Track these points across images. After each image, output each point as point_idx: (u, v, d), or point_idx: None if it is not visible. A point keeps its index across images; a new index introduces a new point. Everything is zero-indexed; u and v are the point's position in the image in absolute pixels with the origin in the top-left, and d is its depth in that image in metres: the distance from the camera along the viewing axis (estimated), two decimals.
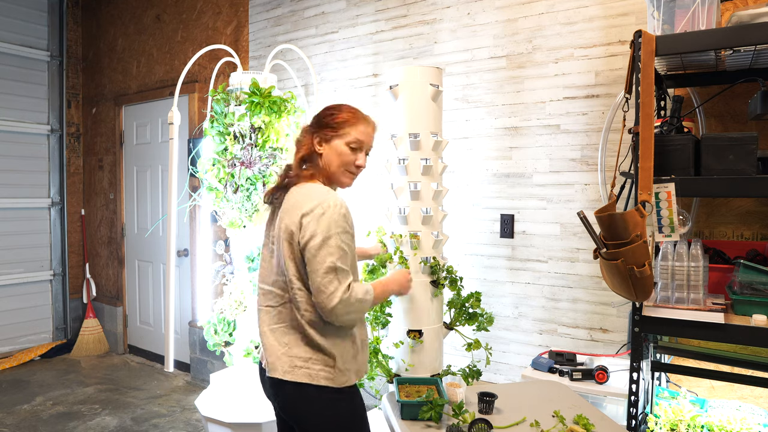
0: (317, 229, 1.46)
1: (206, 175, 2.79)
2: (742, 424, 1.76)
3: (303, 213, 1.48)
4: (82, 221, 5.22)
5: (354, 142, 1.61)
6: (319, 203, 1.49)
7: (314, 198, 1.51)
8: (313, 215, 1.47)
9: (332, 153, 1.60)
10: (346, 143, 1.60)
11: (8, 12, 4.59)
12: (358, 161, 1.63)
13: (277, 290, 1.59)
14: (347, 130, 1.61)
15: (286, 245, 1.51)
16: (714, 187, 1.64)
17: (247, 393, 2.79)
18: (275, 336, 1.57)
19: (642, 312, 1.71)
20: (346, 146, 1.60)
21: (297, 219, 1.49)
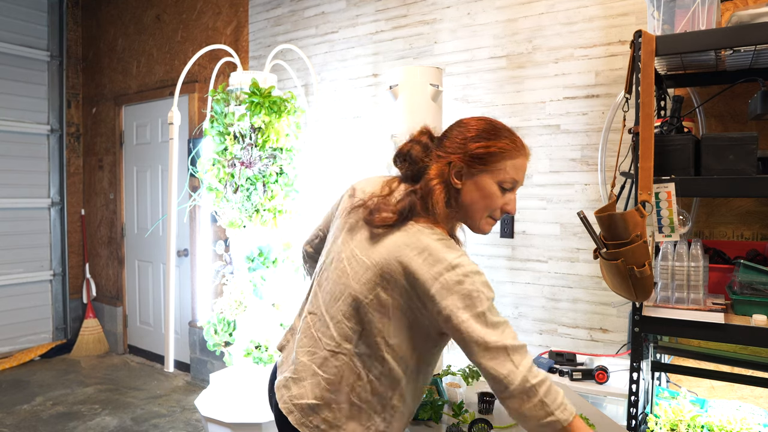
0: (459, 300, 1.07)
1: (206, 175, 2.79)
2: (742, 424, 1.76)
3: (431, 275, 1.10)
4: (82, 221, 5.22)
5: (509, 181, 1.21)
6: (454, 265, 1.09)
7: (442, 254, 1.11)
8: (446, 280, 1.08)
9: (475, 192, 1.20)
10: (498, 182, 1.21)
11: (8, 12, 4.59)
12: (508, 205, 1.23)
13: (337, 334, 1.21)
14: (503, 165, 1.20)
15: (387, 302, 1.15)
16: (714, 187, 1.64)
17: (247, 393, 2.79)
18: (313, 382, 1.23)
19: (642, 312, 1.71)
20: (498, 186, 1.21)
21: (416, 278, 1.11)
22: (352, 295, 1.19)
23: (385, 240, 1.17)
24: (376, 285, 1.16)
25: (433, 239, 1.14)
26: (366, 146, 3.20)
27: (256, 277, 2.78)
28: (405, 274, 1.12)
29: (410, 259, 1.12)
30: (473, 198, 1.21)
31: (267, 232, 2.78)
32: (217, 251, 2.98)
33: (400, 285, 1.13)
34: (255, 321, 2.78)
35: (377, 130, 3.14)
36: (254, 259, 2.78)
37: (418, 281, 1.10)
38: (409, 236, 1.15)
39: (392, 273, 1.14)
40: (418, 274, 1.10)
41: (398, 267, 1.13)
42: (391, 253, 1.15)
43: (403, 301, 1.14)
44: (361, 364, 1.19)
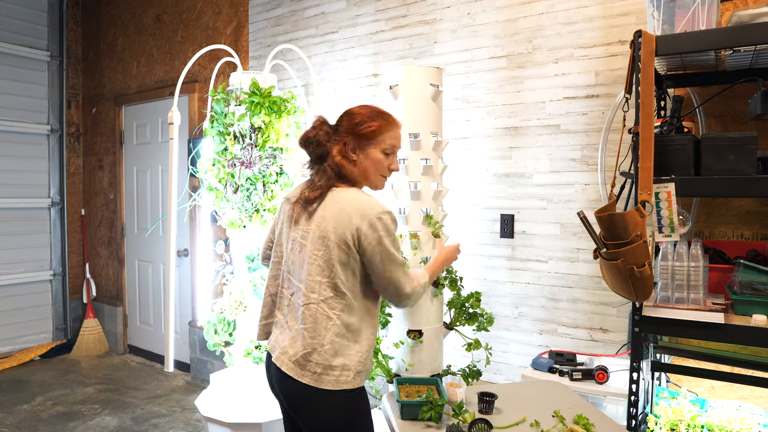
0: (380, 233, 1.51)
1: (206, 175, 2.79)
2: (742, 424, 1.76)
3: (358, 220, 1.51)
4: (82, 221, 5.22)
5: (389, 148, 1.64)
6: (372, 209, 1.52)
7: (364, 204, 1.54)
8: (371, 222, 1.51)
9: (368, 161, 1.62)
10: (381, 150, 1.63)
11: (8, 12, 4.59)
12: (392, 165, 1.67)
13: (306, 290, 1.57)
14: (382, 137, 1.63)
15: (337, 249, 1.52)
16: (714, 187, 1.64)
17: (247, 393, 2.79)
18: (299, 336, 1.57)
19: (642, 312, 1.71)
20: (382, 153, 1.63)
21: (352, 225, 1.51)
22: (311, 256, 1.56)
23: (320, 209, 1.57)
24: (326, 239, 1.53)
25: (353, 192, 1.58)
26: None
27: (256, 277, 2.78)
28: (344, 224, 1.51)
29: (341, 211, 1.53)
30: (368, 166, 1.63)
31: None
32: (217, 251, 2.98)
33: (342, 233, 1.52)
34: (255, 321, 2.78)
35: None
36: (254, 259, 2.78)
37: (354, 225, 1.51)
38: (336, 196, 1.58)
39: (336, 227, 1.52)
40: (353, 219, 1.51)
41: (337, 220, 1.53)
42: (327, 212, 1.56)
43: (345, 247, 1.52)
44: (327, 306, 1.53)
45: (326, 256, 1.53)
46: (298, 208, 1.65)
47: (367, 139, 1.61)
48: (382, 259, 1.52)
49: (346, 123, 1.64)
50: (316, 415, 1.54)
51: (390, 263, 1.53)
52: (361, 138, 1.61)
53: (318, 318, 1.53)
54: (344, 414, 1.54)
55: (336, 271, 1.53)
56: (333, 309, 1.53)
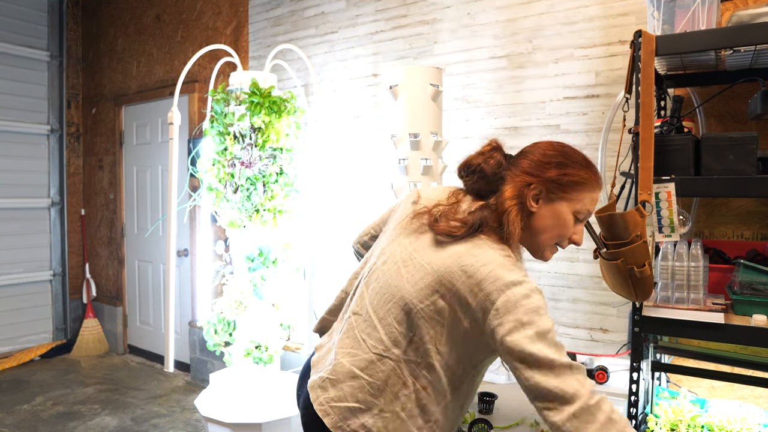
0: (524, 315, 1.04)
1: (206, 175, 2.79)
2: (742, 424, 1.76)
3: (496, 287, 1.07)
4: (82, 221, 5.22)
5: (583, 212, 1.22)
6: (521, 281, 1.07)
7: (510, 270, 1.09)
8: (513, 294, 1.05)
9: (550, 218, 1.20)
10: (574, 211, 1.21)
11: (8, 12, 4.59)
12: (576, 236, 1.24)
13: (386, 337, 1.18)
14: (582, 196, 1.20)
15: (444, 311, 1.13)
16: (714, 187, 1.64)
17: (247, 393, 2.79)
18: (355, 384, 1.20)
19: (642, 312, 1.71)
20: (573, 215, 1.21)
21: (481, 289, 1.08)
22: (405, 298, 1.16)
23: (449, 248, 1.15)
24: (435, 291, 1.13)
25: (500, 254, 1.12)
26: (366, 146, 3.20)
27: (256, 277, 2.78)
28: (468, 283, 1.09)
29: (476, 269, 1.09)
30: (546, 224, 1.20)
31: (267, 232, 2.78)
32: (217, 251, 2.98)
33: (460, 295, 1.10)
34: (255, 321, 2.78)
35: (377, 130, 3.14)
36: (254, 259, 2.78)
37: (482, 292, 1.07)
38: (477, 247, 1.13)
39: (453, 281, 1.11)
40: (483, 285, 1.07)
41: (461, 276, 1.10)
42: (455, 262, 1.12)
43: (460, 311, 1.11)
44: (409, 371, 1.16)
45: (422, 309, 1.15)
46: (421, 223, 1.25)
47: (562, 189, 1.19)
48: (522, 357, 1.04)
49: (536, 158, 1.21)
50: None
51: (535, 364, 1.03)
52: (554, 185, 1.18)
53: (390, 380, 1.16)
54: None
55: (425, 334, 1.15)
56: (413, 377, 1.16)
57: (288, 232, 2.91)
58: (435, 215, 1.22)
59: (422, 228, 1.23)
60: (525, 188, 1.18)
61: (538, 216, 1.19)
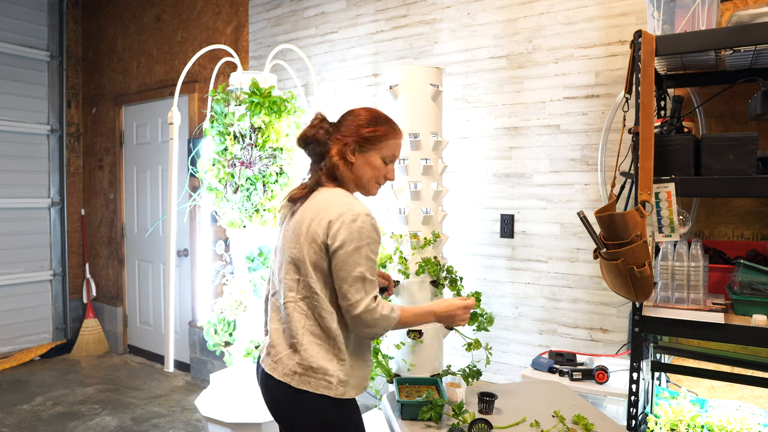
0: (348, 236, 1.43)
1: (206, 175, 2.79)
2: (742, 424, 1.76)
3: (331, 218, 1.45)
4: (82, 221, 5.22)
5: (389, 156, 1.59)
6: (349, 210, 1.45)
7: (343, 204, 1.48)
8: (343, 222, 1.44)
9: (366, 166, 1.57)
10: (381, 157, 1.57)
11: (8, 12, 4.59)
12: (389, 174, 1.62)
13: (285, 289, 1.52)
14: (385, 144, 1.57)
15: (308, 247, 1.47)
16: (714, 187, 1.64)
17: (247, 393, 2.79)
18: (281, 336, 1.53)
19: (642, 312, 1.71)
20: (381, 160, 1.58)
21: (324, 223, 1.46)
22: (289, 256, 1.52)
23: (302, 207, 1.54)
24: (300, 235, 1.49)
25: (339, 193, 1.54)
26: None
27: (256, 277, 2.78)
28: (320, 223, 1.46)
29: (323, 210, 1.48)
30: (365, 170, 1.57)
31: (267, 232, 2.78)
32: (217, 251, 2.98)
33: (316, 234, 1.46)
34: (255, 321, 2.78)
35: None
36: (254, 259, 2.78)
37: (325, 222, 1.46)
38: (321, 195, 1.53)
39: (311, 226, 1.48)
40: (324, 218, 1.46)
41: (315, 220, 1.47)
42: (306, 211, 1.51)
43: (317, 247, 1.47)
44: (305, 305, 1.49)
45: (299, 255, 1.49)
46: (285, 209, 1.64)
47: (370, 143, 1.55)
48: (341, 262, 1.43)
49: (350, 123, 1.58)
50: (296, 419, 1.49)
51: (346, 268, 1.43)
52: (363, 141, 1.55)
53: (295, 317, 1.49)
54: (327, 422, 1.48)
55: (308, 271, 1.48)
56: (310, 309, 1.49)
57: None
58: (289, 196, 1.61)
59: (285, 212, 1.62)
60: (344, 146, 1.55)
61: (357, 165, 1.57)
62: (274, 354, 1.52)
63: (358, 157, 1.56)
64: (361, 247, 1.44)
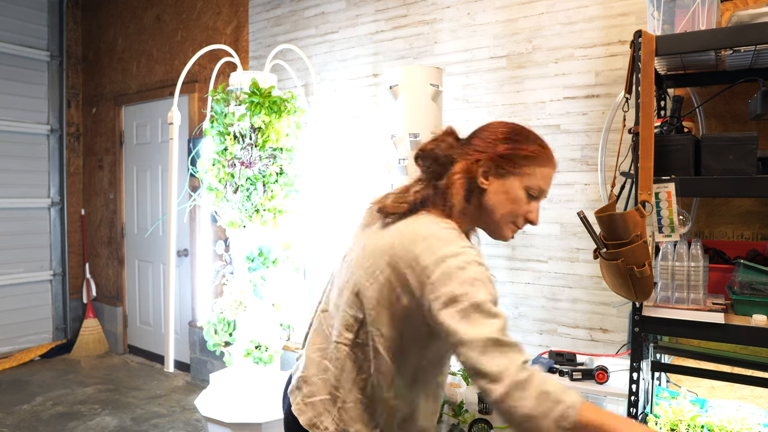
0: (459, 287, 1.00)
1: (206, 175, 2.79)
2: (742, 424, 1.76)
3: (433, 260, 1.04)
4: (82, 221, 5.22)
5: (536, 188, 1.18)
6: (458, 253, 1.04)
7: (448, 242, 1.06)
8: (449, 266, 1.02)
9: (501, 194, 1.17)
10: (524, 187, 1.17)
11: (8, 12, 4.59)
12: (531, 214, 1.20)
13: (341, 324, 1.18)
14: (534, 170, 1.17)
15: (384, 288, 1.10)
16: (714, 187, 1.64)
17: (247, 393, 2.79)
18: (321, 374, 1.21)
19: (642, 312, 1.71)
20: (524, 191, 1.17)
21: (418, 263, 1.05)
22: (354, 281, 1.16)
23: (393, 226, 1.15)
24: (376, 269, 1.12)
25: (441, 227, 1.10)
26: (366, 146, 3.20)
27: (256, 277, 2.78)
28: (406, 258, 1.07)
29: (413, 243, 1.07)
30: (499, 200, 1.17)
31: (267, 232, 2.78)
32: (217, 251, 2.98)
33: (399, 270, 1.08)
34: (255, 321, 2.78)
35: (377, 130, 3.14)
36: (254, 259, 2.78)
37: (419, 266, 1.05)
38: (418, 222, 1.12)
39: (393, 256, 1.09)
40: (421, 258, 1.05)
41: (400, 250, 1.09)
42: (395, 238, 1.11)
43: (399, 287, 1.09)
44: (362, 355, 1.14)
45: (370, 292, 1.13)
46: (372, 213, 1.25)
47: (510, 164, 1.16)
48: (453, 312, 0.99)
49: (486, 136, 1.20)
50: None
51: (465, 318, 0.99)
52: (504, 161, 1.16)
53: (348, 365, 1.16)
54: None
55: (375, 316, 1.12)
56: (367, 361, 1.15)
57: (288, 232, 2.91)
58: (383, 201, 1.21)
59: (374, 218, 1.24)
60: (473, 164, 1.17)
61: (490, 192, 1.17)
62: (308, 394, 1.21)
63: (492, 182, 1.17)
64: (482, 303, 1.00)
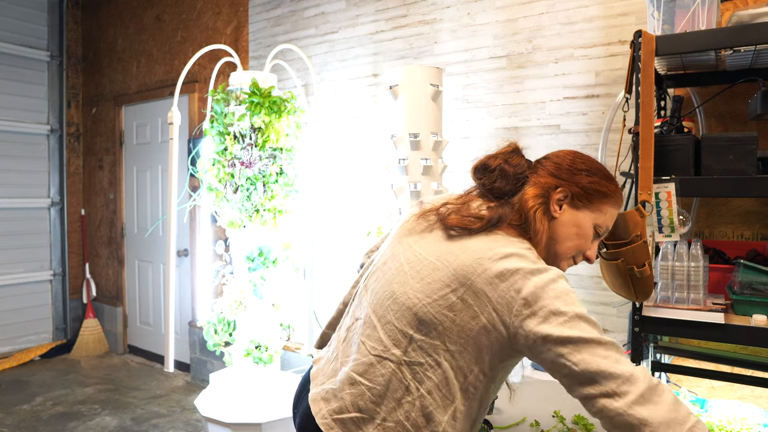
0: (556, 300, 0.96)
1: (206, 175, 2.79)
2: (742, 424, 1.76)
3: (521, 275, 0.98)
4: (82, 221, 5.22)
5: (602, 226, 1.16)
6: (547, 269, 1.01)
7: (533, 261, 1.02)
8: (542, 280, 0.98)
9: (573, 226, 1.13)
10: (595, 224, 1.15)
11: (8, 12, 4.59)
12: (591, 251, 1.18)
13: (386, 336, 1.08)
14: (606, 208, 1.15)
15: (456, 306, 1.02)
16: (714, 187, 1.64)
17: (247, 393, 2.79)
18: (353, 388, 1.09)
19: (642, 312, 1.71)
20: (593, 227, 1.15)
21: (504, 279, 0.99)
22: (409, 294, 1.07)
23: (462, 241, 1.06)
24: (445, 286, 1.03)
25: (521, 246, 1.04)
26: (366, 146, 3.20)
27: (256, 277, 2.78)
28: (485, 276, 1.00)
29: (494, 261, 1.00)
30: (568, 233, 1.13)
31: (267, 232, 2.78)
32: (217, 251, 2.98)
33: (476, 288, 1.00)
34: (255, 321, 2.78)
35: (377, 130, 3.14)
36: (254, 259, 2.78)
37: (503, 283, 0.98)
38: (494, 240, 1.05)
39: (468, 274, 1.01)
40: (504, 275, 0.98)
41: (477, 268, 1.01)
42: (470, 255, 1.03)
43: (476, 305, 1.00)
44: (411, 374, 1.04)
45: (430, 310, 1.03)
46: (428, 222, 1.15)
47: (589, 198, 1.13)
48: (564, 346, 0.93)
49: (564, 163, 1.16)
50: None
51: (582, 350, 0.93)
52: (583, 193, 1.12)
53: (393, 384, 1.05)
54: None
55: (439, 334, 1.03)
56: (416, 381, 1.04)
57: (288, 232, 2.91)
58: (444, 212, 1.13)
59: (429, 227, 1.14)
60: (551, 190, 1.12)
61: (560, 223, 1.12)
62: (338, 410, 1.10)
63: (565, 212, 1.13)
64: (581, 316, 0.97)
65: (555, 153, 1.20)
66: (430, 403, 1.03)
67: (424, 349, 1.04)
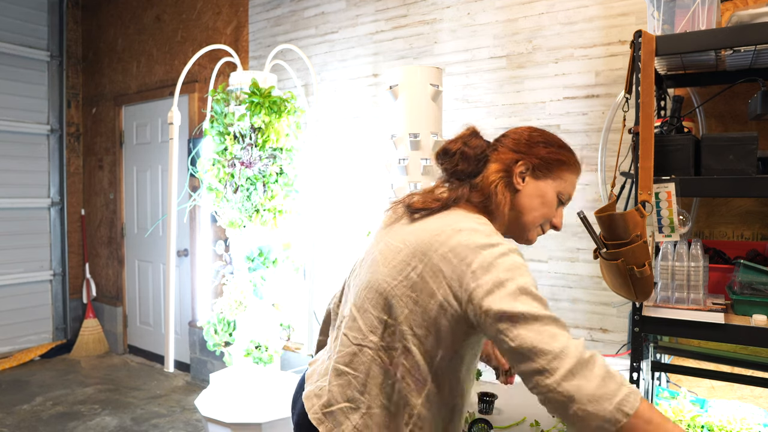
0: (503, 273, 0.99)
1: (206, 175, 2.79)
2: (742, 424, 1.76)
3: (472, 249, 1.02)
4: (82, 221, 5.22)
5: (565, 194, 1.21)
6: (498, 243, 1.03)
7: (486, 234, 1.05)
8: (491, 254, 1.01)
9: (536, 197, 1.17)
10: (557, 192, 1.19)
11: (8, 12, 4.59)
12: (557, 219, 1.23)
13: (364, 325, 1.12)
14: (566, 176, 1.20)
15: (417, 285, 1.06)
16: (714, 187, 1.64)
17: (247, 393, 2.79)
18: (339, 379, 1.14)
19: (642, 312, 1.71)
20: (556, 195, 1.20)
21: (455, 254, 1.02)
22: (379, 280, 1.11)
23: (423, 221, 1.12)
24: (407, 265, 1.07)
25: (476, 221, 1.08)
26: (366, 146, 3.20)
27: (256, 277, 2.78)
28: (441, 251, 1.03)
29: (449, 236, 1.04)
30: (532, 203, 1.18)
31: (267, 232, 2.78)
32: (217, 251, 2.98)
33: (433, 263, 1.04)
34: (255, 321, 2.78)
35: (377, 130, 3.14)
36: (254, 259, 2.78)
37: (456, 258, 1.01)
38: (450, 217, 1.10)
39: (426, 251, 1.05)
40: (457, 250, 1.02)
41: (434, 243, 1.05)
42: (428, 233, 1.07)
43: (433, 282, 1.04)
44: (388, 359, 1.09)
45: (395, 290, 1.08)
46: (394, 213, 1.22)
47: (548, 167, 1.18)
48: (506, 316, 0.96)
49: (522, 138, 1.21)
50: None
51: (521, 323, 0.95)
52: (543, 164, 1.17)
53: (373, 370, 1.10)
54: None
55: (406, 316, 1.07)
56: (393, 366, 1.09)
57: (288, 232, 2.91)
58: (408, 200, 1.19)
59: (398, 217, 1.20)
60: (513, 164, 1.17)
61: (524, 194, 1.17)
62: (327, 403, 1.14)
63: (528, 183, 1.17)
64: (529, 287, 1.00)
65: (513, 129, 1.27)
66: (405, 387, 1.08)
67: (396, 334, 1.08)
